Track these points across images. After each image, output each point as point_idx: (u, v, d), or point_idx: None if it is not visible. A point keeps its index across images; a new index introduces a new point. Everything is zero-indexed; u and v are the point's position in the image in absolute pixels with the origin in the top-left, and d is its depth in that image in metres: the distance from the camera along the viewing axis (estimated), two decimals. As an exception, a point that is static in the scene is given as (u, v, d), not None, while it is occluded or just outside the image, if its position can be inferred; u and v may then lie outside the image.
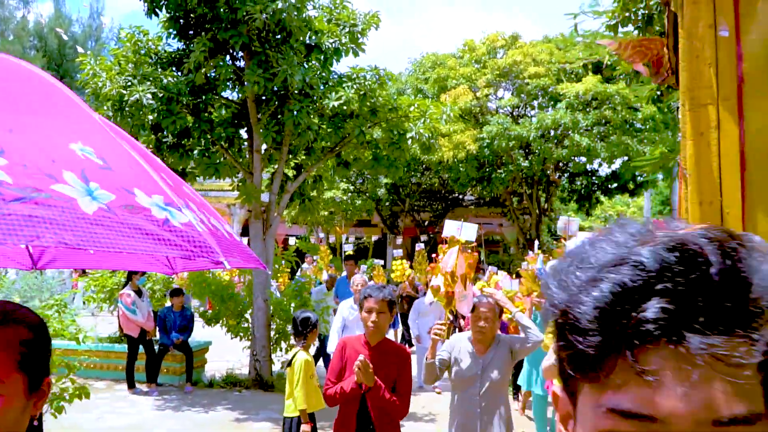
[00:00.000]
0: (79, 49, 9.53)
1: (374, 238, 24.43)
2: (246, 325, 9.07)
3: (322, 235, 23.07)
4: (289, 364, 4.43)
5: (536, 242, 13.43)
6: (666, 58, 1.93)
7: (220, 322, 9.11)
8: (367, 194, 21.69)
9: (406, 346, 12.13)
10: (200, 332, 9.81)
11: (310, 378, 4.34)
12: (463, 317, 8.84)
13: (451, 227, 3.97)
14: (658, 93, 6.88)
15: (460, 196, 23.68)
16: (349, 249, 14.05)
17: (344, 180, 20.03)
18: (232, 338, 9.15)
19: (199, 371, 9.15)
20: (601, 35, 9.02)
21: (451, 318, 8.39)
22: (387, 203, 22.71)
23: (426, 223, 23.95)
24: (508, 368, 3.88)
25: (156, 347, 8.63)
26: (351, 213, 21.33)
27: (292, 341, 8.97)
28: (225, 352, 9.96)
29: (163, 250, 1.18)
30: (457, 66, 18.20)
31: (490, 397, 3.72)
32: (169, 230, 1.18)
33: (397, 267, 10.79)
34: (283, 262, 9.80)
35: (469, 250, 4.04)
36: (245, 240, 19.27)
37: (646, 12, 6.71)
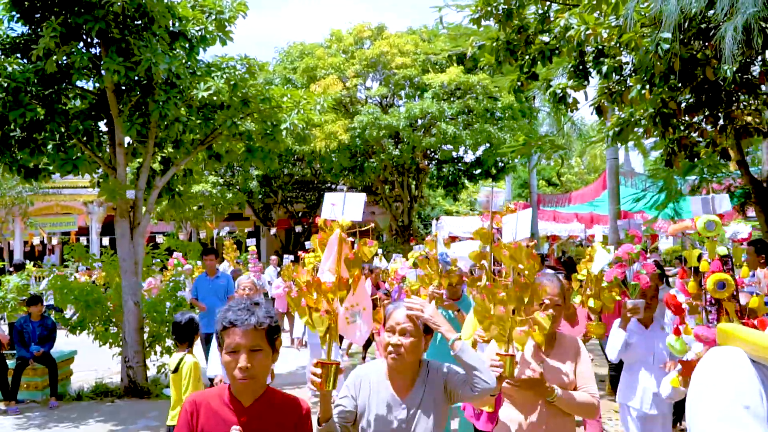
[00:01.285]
0: None
1: (247, 230, 23.86)
2: (116, 330, 8.54)
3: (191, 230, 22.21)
4: (175, 369, 4.23)
5: (436, 222, 12.75)
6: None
7: (86, 329, 8.50)
8: (238, 187, 21.16)
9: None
10: (63, 341, 9.09)
11: (198, 383, 4.17)
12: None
13: (327, 205, 2.67)
14: (519, 84, 7.35)
15: (333, 186, 23.79)
16: (251, 244, 13.10)
17: (213, 173, 19.39)
18: (100, 346, 8.57)
19: (64, 384, 8.48)
20: (463, 28, 9.46)
21: (341, 353, 7.37)
22: (259, 195, 22.31)
23: (300, 214, 23.82)
24: (444, 415, 2.55)
25: (11, 361, 7.89)
26: (222, 207, 20.72)
27: (168, 343, 8.64)
28: (93, 361, 9.32)
29: None
30: (325, 56, 18.20)
31: None
32: None
33: (311, 260, 10.41)
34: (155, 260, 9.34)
35: (351, 239, 2.64)
36: (107, 240, 17.96)
37: (507, 6, 7.14)
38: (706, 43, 5.32)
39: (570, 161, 28.55)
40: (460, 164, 21.33)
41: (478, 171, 20.72)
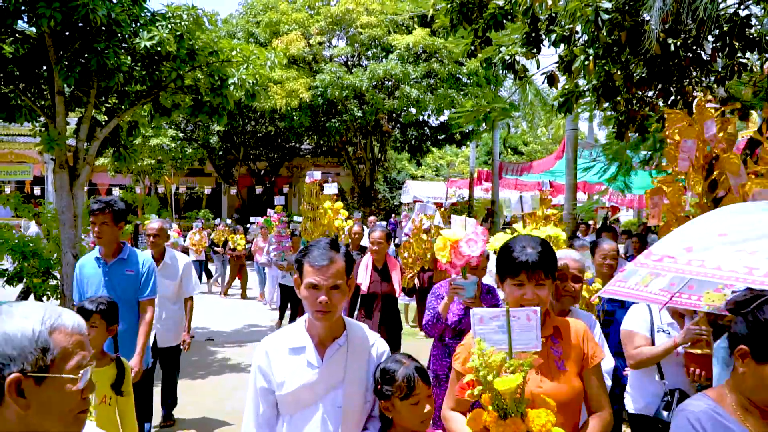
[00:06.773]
0: None
1: (207, 189, 23.52)
2: (54, 282, 8.39)
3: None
4: None
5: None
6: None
7: (24, 280, 8.33)
8: (199, 142, 20.77)
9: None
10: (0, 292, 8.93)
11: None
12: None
13: None
14: (472, 48, 7.26)
15: (297, 145, 23.50)
16: (279, 203, 10.68)
17: (172, 126, 18.98)
18: (36, 298, 8.43)
19: (0, 335, 8.35)
20: (423, -14, 9.17)
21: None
22: (220, 152, 21.94)
23: (262, 172, 23.54)
24: None
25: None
26: (181, 161, 20.35)
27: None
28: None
29: None
30: (289, 11, 17.73)
31: None
32: None
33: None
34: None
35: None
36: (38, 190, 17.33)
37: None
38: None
39: (537, 131, 28.66)
40: (426, 128, 21.23)
41: (443, 136, 20.67)
